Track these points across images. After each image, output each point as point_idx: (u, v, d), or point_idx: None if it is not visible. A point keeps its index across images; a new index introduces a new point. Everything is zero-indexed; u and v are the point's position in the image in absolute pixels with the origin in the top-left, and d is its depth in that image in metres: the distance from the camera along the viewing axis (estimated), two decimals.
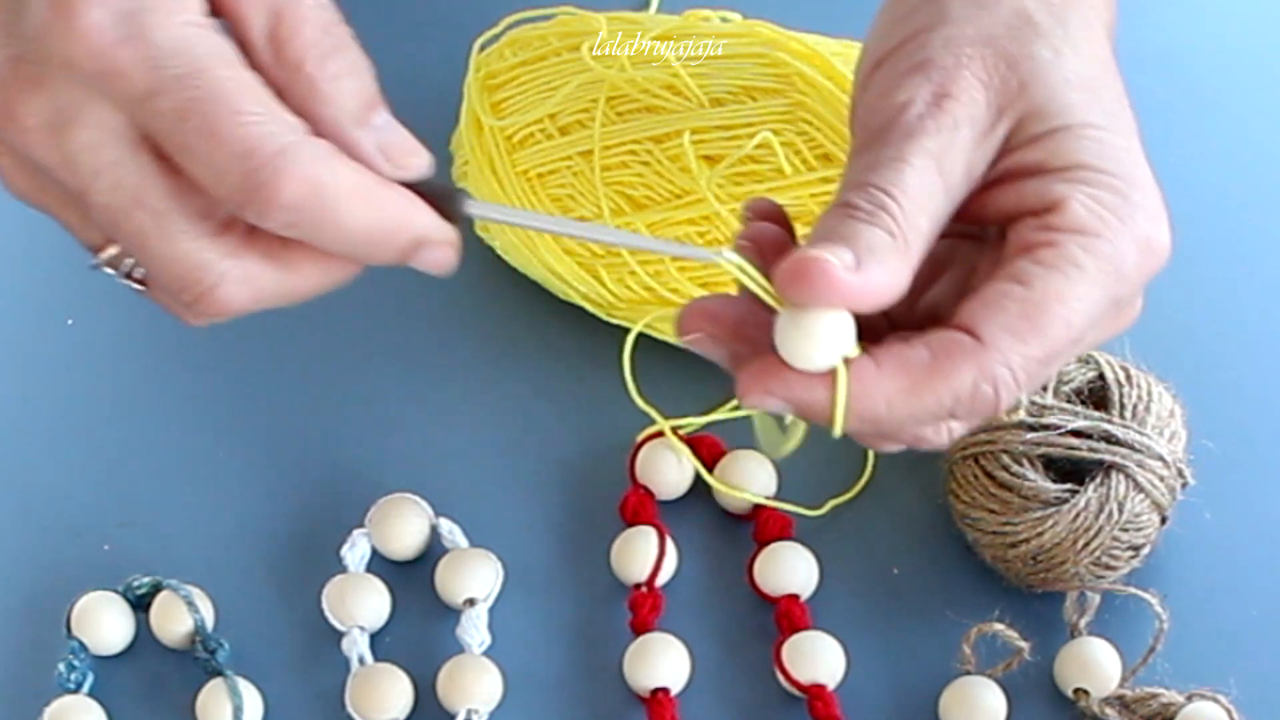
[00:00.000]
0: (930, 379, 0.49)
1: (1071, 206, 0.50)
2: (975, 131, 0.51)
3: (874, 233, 0.49)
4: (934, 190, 0.50)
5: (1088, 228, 0.50)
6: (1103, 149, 0.51)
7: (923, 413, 0.50)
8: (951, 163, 0.50)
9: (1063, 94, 0.52)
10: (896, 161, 0.50)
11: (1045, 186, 0.51)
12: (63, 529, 0.66)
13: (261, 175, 0.46)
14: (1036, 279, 0.50)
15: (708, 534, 0.66)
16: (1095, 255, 0.50)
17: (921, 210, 0.50)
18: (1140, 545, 0.61)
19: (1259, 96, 0.75)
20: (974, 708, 0.60)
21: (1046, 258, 0.50)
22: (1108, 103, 0.53)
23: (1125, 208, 0.51)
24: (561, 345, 0.69)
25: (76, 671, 0.62)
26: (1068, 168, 0.51)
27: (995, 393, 0.49)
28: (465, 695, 0.61)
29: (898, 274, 0.49)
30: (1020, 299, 0.49)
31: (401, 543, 0.65)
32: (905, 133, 0.50)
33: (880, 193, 0.50)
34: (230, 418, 0.69)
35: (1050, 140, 0.51)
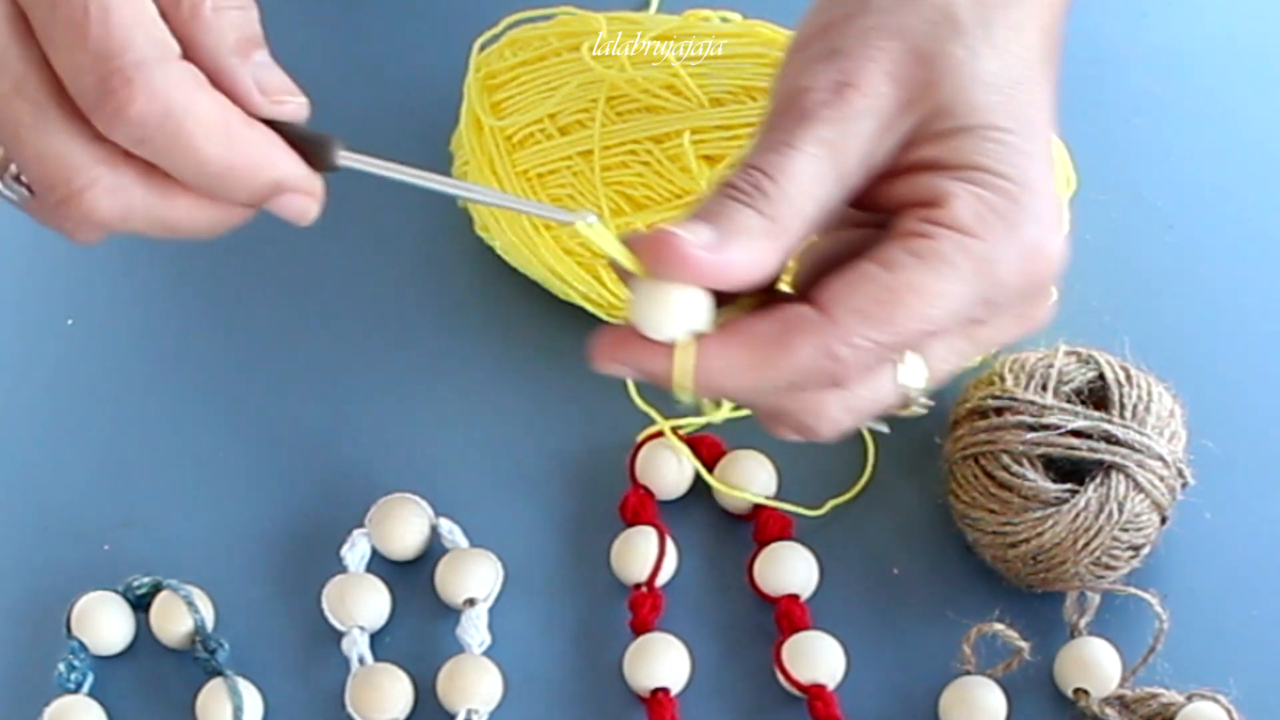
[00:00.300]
0: (771, 352, 0.50)
1: (955, 204, 0.50)
2: (877, 123, 0.51)
3: (745, 214, 0.50)
4: (822, 177, 0.50)
5: (967, 227, 0.50)
6: (1001, 151, 0.51)
7: (767, 385, 0.50)
8: (847, 151, 0.51)
9: (971, 94, 0.51)
10: (785, 146, 0.50)
11: (935, 181, 0.51)
12: (63, 529, 0.66)
13: (114, 82, 0.46)
14: (900, 267, 0.50)
15: (708, 534, 0.66)
16: (968, 255, 0.50)
17: (806, 196, 0.50)
18: (1140, 545, 0.61)
19: (1259, 96, 0.75)
20: (974, 708, 0.60)
21: (917, 248, 0.50)
22: (1020, 106, 0.52)
23: (1013, 212, 0.51)
24: (561, 345, 0.69)
25: (76, 671, 0.62)
26: (962, 166, 0.51)
27: (837, 369, 0.50)
28: (465, 695, 0.61)
29: (763, 256, 0.50)
30: (878, 282, 0.50)
31: (401, 543, 0.65)
32: (800, 117, 0.51)
33: (761, 175, 0.50)
34: (230, 418, 0.69)
35: (951, 138, 0.51)
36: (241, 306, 0.71)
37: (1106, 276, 0.70)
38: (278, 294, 0.72)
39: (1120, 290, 0.70)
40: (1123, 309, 0.69)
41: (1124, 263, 0.71)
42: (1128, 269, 0.71)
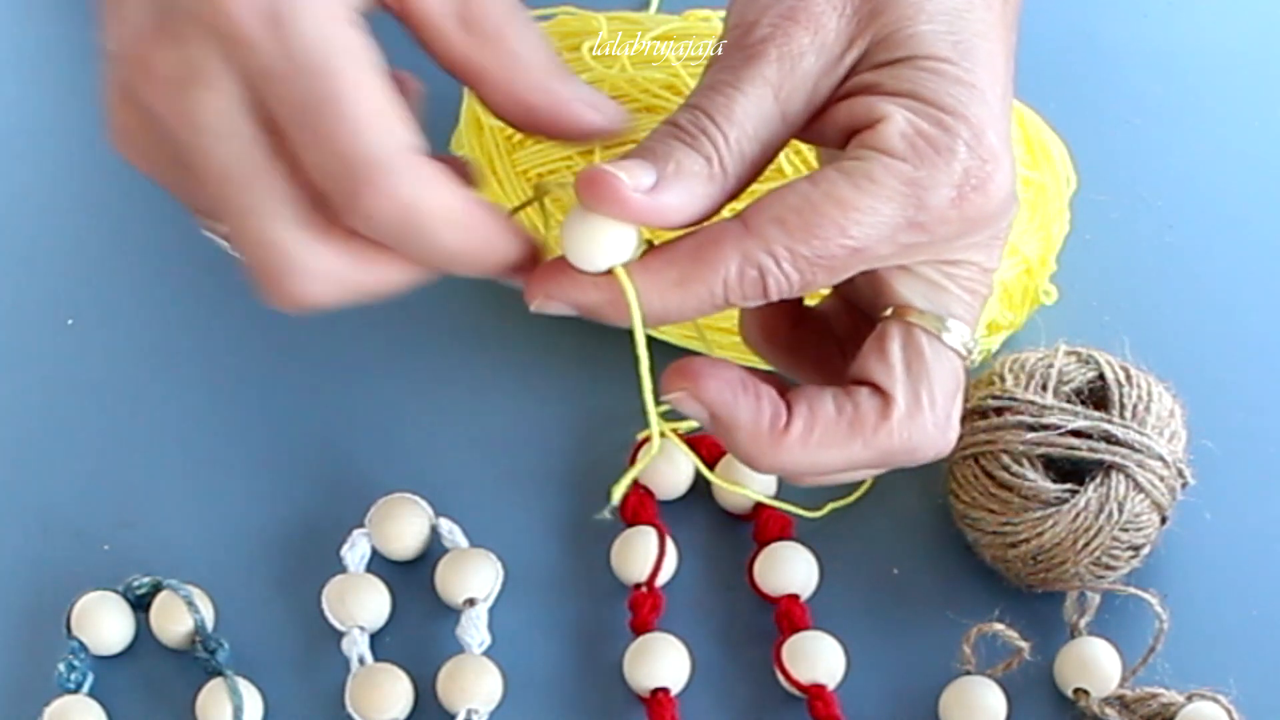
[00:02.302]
0: (696, 266, 0.50)
1: (886, 127, 0.50)
2: (822, 60, 0.51)
3: (688, 155, 0.50)
4: (768, 117, 0.51)
5: (894, 150, 0.50)
6: (939, 81, 0.51)
7: (696, 302, 0.51)
8: (791, 89, 0.51)
9: (915, 24, 0.52)
10: (729, 87, 0.51)
11: (871, 104, 0.51)
12: (63, 529, 0.66)
13: (359, 186, 0.48)
14: (824, 181, 0.50)
15: (708, 534, 0.66)
16: (894, 175, 0.50)
17: (750, 139, 0.51)
18: (1140, 545, 0.61)
19: (1259, 96, 0.76)
20: (974, 708, 0.60)
21: (845, 166, 0.50)
22: (966, 36, 0.52)
23: (945, 140, 0.50)
24: (561, 345, 0.69)
25: (76, 671, 0.62)
26: (899, 94, 0.51)
27: (761, 278, 0.50)
28: (465, 695, 0.61)
29: (700, 199, 0.50)
30: (801, 194, 0.50)
31: (401, 543, 0.65)
32: (746, 55, 0.51)
33: (706, 118, 0.51)
34: (230, 418, 0.69)
35: (892, 68, 0.51)
36: (241, 306, 0.71)
37: (1106, 276, 0.70)
38: None
39: (1120, 290, 0.70)
40: (1123, 309, 0.69)
41: (1124, 263, 0.71)
42: (1128, 269, 0.71)
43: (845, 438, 0.53)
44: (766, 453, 0.53)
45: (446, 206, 0.49)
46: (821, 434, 0.53)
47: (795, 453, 0.53)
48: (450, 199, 0.49)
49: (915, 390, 0.53)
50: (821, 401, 0.53)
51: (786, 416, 0.53)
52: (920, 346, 0.53)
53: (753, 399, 0.53)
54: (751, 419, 0.53)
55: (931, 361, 0.53)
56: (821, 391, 0.53)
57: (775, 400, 0.53)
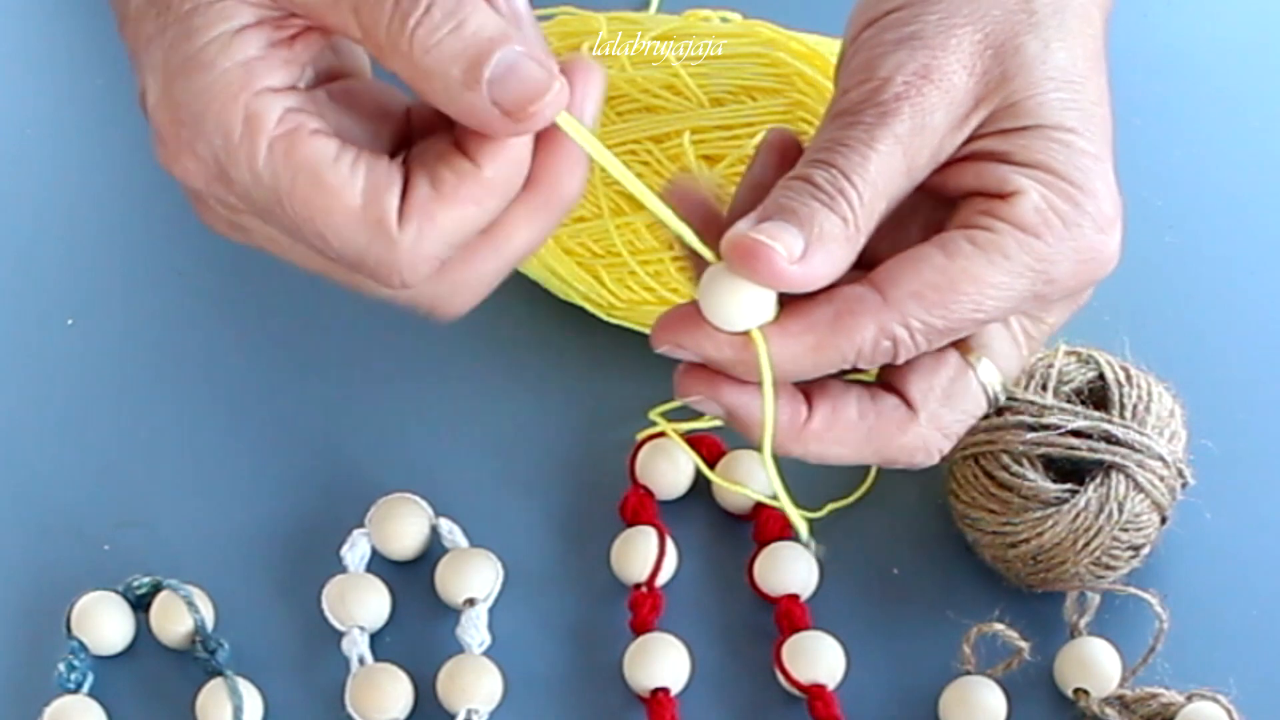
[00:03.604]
0: (832, 333, 0.51)
1: (1021, 202, 0.51)
2: (950, 117, 0.52)
3: (830, 219, 0.50)
4: (896, 174, 0.51)
5: (1029, 225, 0.51)
6: (1068, 154, 0.52)
7: (827, 365, 0.52)
8: (919, 146, 0.51)
9: (1042, 92, 0.52)
10: (864, 146, 0.51)
11: (1004, 174, 0.52)
12: (63, 529, 0.66)
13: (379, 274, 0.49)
14: (960, 255, 0.51)
15: (708, 534, 0.66)
16: (1028, 252, 0.51)
17: (880, 196, 0.51)
18: (1140, 545, 0.61)
19: (1259, 96, 0.75)
20: (974, 708, 0.60)
21: (978, 238, 0.51)
22: (1086, 104, 0.53)
23: (1074, 215, 0.52)
24: (561, 345, 0.69)
25: (76, 671, 0.62)
26: (1030, 165, 0.52)
27: (894, 347, 0.51)
28: (465, 695, 0.61)
29: (841, 261, 0.51)
30: (939, 268, 0.51)
31: (401, 543, 0.65)
32: (880, 113, 0.51)
33: (842, 178, 0.51)
34: (230, 418, 0.69)
35: (1020, 137, 0.52)
36: (242, 306, 0.71)
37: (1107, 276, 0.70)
38: (277, 294, 0.71)
39: (1120, 290, 0.69)
40: (1123, 309, 0.69)
41: (1124, 263, 0.70)
42: (1128, 269, 0.70)
43: (861, 441, 0.54)
44: (785, 445, 0.54)
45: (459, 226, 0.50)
46: (840, 433, 0.54)
47: (810, 445, 0.54)
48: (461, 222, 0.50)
49: (940, 417, 0.54)
50: (845, 402, 0.54)
51: (807, 413, 0.53)
52: (966, 383, 0.54)
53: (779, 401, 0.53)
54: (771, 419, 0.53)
55: (966, 395, 0.55)
56: (845, 390, 0.54)
57: (793, 396, 0.53)
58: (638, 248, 0.67)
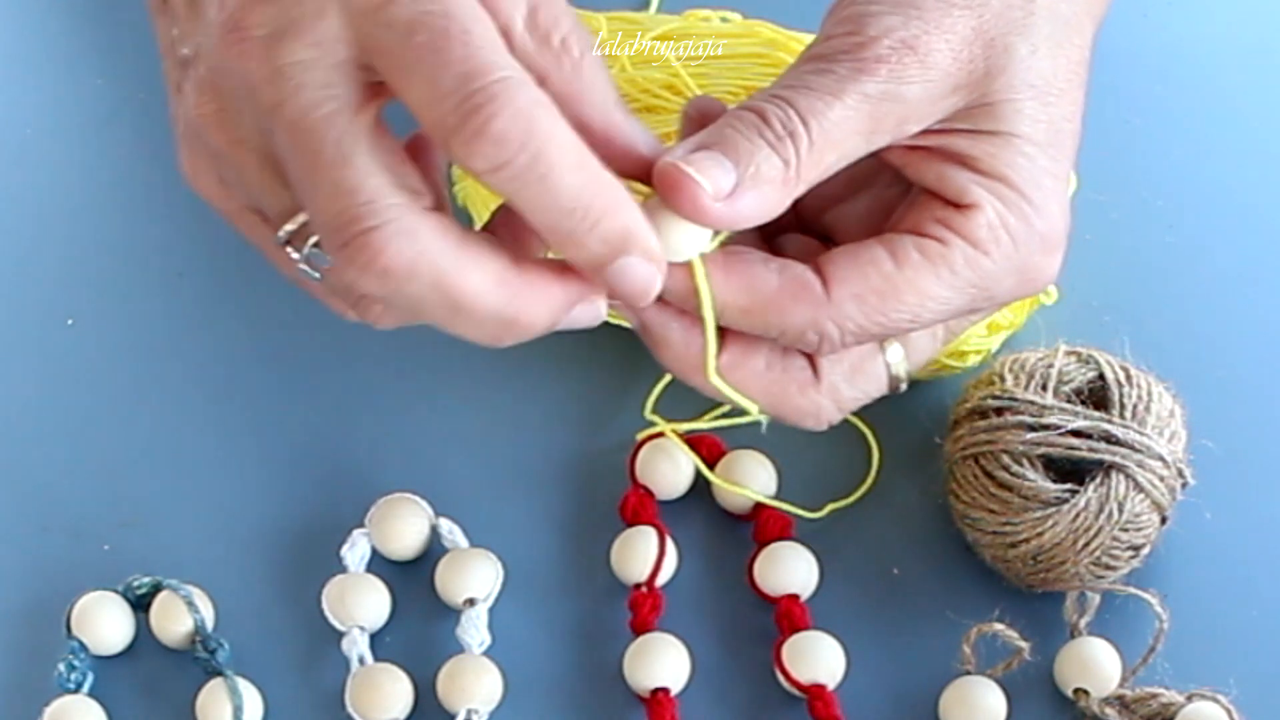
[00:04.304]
0: (766, 308, 0.51)
1: (977, 217, 0.51)
2: (924, 95, 0.51)
3: (770, 160, 0.49)
4: (854, 133, 0.51)
5: (981, 243, 0.51)
6: (1031, 170, 0.52)
7: (747, 327, 0.52)
8: (885, 113, 0.51)
9: (1020, 98, 0.52)
10: (829, 95, 0.50)
11: (965, 184, 0.52)
12: (63, 529, 0.66)
13: (479, 98, 0.45)
14: (909, 265, 0.51)
15: (708, 534, 0.66)
16: (974, 269, 0.52)
17: (832, 147, 0.50)
18: (1140, 545, 0.61)
19: (1259, 96, 0.75)
20: (974, 708, 0.60)
21: (930, 250, 0.51)
22: (1058, 119, 0.53)
23: (1024, 234, 0.52)
24: (561, 345, 0.69)
25: (76, 671, 0.62)
26: (992, 175, 0.52)
27: (819, 342, 0.52)
28: (465, 695, 0.61)
29: (774, 205, 0.50)
30: (885, 275, 0.51)
31: (401, 543, 0.65)
32: (856, 68, 0.50)
33: (798, 119, 0.50)
34: (230, 418, 0.69)
35: (989, 142, 0.52)
36: (242, 306, 0.71)
37: (1106, 276, 0.70)
38: (277, 294, 0.71)
39: (1120, 290, 0.70)
40: (1123, 309, 0.69)
41: (1124, 263, 0.71)
42: (1128, 269, 0.71)
43: (759, 390, 0.54)
44: (686, 374, 0.54)
45: (573, 145, 0.46)
46: (742, 377, 0.53)
47: (715, 381, 0.53)
48: (576, 140, 0.46)
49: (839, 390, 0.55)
50: (756, 349, 0.53)
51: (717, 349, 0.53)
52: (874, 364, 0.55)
53: (685, 325, 0.53)
54: (681, 343, 0.53)
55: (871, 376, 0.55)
56: (759, 339, 0.53)
57: None
58: None
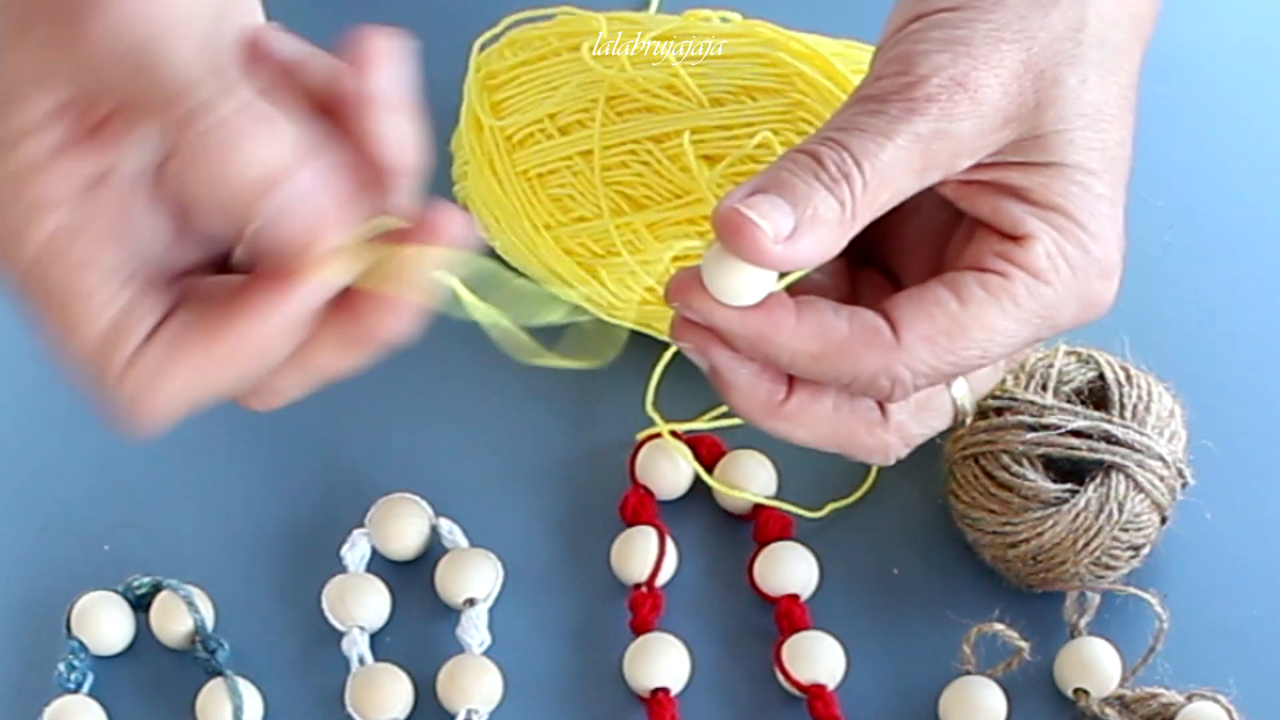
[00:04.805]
0: (838, 356, 0.51)
1: (1035, 248, 0.52)
2: (976, 131, 0.51)
3: (827, 202, 0.50)
4: (907, 172, 0.51)
5: (1041, 272, 0.52)
6: (1085, 198, 0.52)
7: (821, 376, 0.52)
8: (938, 151, 0.51)
9: (1071, 129, 0.52)
10: (882, 136, 0.50)
11: (1020, 215, 0.52)
12: (63, 529, 0.66)
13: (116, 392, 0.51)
14: (973, 302, 0.51)
15: (708, 534, 0.66)
16: (1037, 300, 0.52)
17: (885, 187, 0.51)
18: (1140, 545, 0.61)
19: (1259, 96, 0.75)
20: (974, 708, 0.60)
21: (992, 284, 0.51)
22: (1111, 145, 0.53)
23: (1083, 262, 0.52)
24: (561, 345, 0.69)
25: (76, 671, 0.62)
26: (1047, 206, 0.52)
27: (891, 388, 0.52)
28: (465, 695, 0.61)
29: (831, 245, 0.50)
30: (951, 315, 0.51)
31: (401, 543, 0.65)
32: (907, 108, 0.51)
33: (851, 162, 0.50)
34: (230, 418, 0.69)
35: (1041, 173, 0.52)
36: None
37: None
38: None
39: (1120, 290, 0.70)
40: (1123, 309, 0.68)
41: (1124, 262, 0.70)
42: (1128, 269, 0.70)
43: (827, 432, 0.54)
44: (757, 418, 0.54)
45: None
46: (810, 420, 0.54)
47: (779, 424, 0.54)
48: None
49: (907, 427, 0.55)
50: (824, 393, 0.54)
51: (785, 393, 0.53)
52: (940, 400, 0.55)
53: (754, 369, 0.53)
54: (749, 387, 0.53)
55: (937, 411, 0.55)
56: (824, 386, 0.54)
57: (777, 374, 0.53)
58: (638, 248, 0.67)
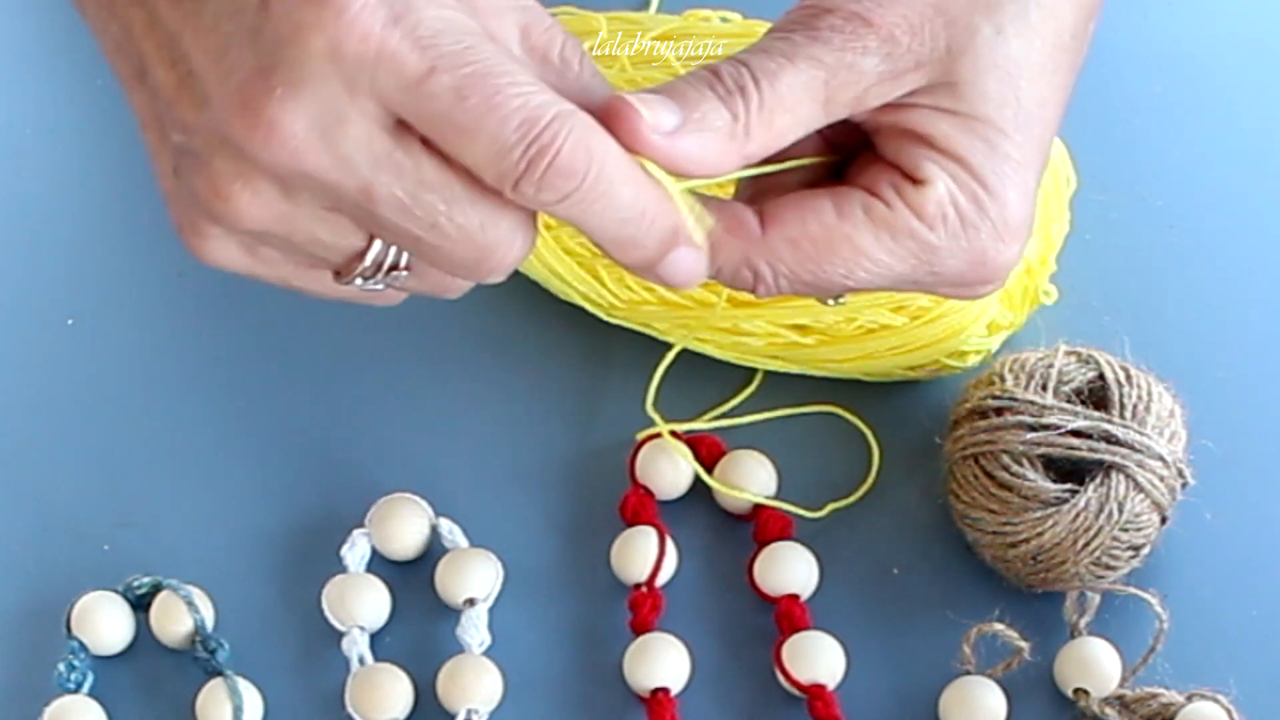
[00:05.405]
0: None
1: (927, 192, 0.51)
2: (884, 68, 0.51)
3: (715, 110, 0.50)
4: (809, 97, 0.51)
5: (928, 217, 0.51)
6: (990, 154, 0.52)
7: None
8: (841, 82, 0.51)
9: (984, 80, 0.52)
10: (782, 58, 0.51)
11: (920, 160, 0.52)
12: (63, 529, 0.66)
13: (542, 141, 0.46)
14: (849, 220, 0.51)
15: (708, 534, 0.66)
16: (916, 239, 0.52)
17: (784, 109, 0.50)
18: (1140, 545, 0.61)
19: (1259, 96, 0.75)
20: (974, 708, 0.60)
21: (876, 210, 0.51)
22: (1028, 103, 0.53)
23: (975, 218, 0.52)
24: (561, 345, 0.69)
25: (76, 671, 0.62)
26: (949, 155, 0.52)
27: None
28: (465, 695, 0.61)
29: (716, 154, 0.50)
30: (825, 226, 0.51)
31: (401, 543, 0.65)
32: (810, 36, 0.51)
33: (749, 76, 0.50)
34: (230, 417, 0.69)
35: (948, 121, 0.52)
36: (242, 306, 0.71)
37: (1106, 276, 0.70)
38: (277, 294, 0.71)
39: (1120, 290, 0.70)
40: (1123, 309, 0.69)
41: (1124, 263, 0.71)
42: (1128, 269, 0.71)
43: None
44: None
45: (622, 155, 0.48)
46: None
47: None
48: (621, 149, 0.48)
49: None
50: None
51: None
52: None
53: None
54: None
55: None
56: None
57: None
58: None
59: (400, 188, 0.47)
